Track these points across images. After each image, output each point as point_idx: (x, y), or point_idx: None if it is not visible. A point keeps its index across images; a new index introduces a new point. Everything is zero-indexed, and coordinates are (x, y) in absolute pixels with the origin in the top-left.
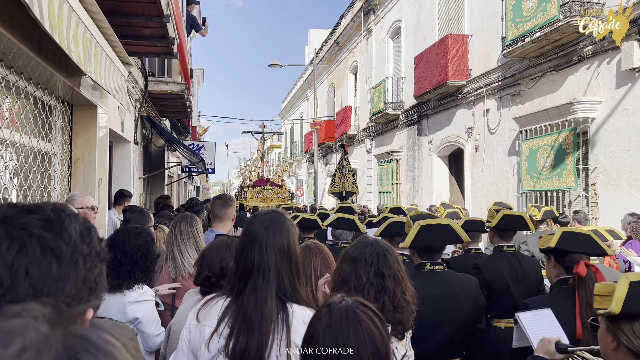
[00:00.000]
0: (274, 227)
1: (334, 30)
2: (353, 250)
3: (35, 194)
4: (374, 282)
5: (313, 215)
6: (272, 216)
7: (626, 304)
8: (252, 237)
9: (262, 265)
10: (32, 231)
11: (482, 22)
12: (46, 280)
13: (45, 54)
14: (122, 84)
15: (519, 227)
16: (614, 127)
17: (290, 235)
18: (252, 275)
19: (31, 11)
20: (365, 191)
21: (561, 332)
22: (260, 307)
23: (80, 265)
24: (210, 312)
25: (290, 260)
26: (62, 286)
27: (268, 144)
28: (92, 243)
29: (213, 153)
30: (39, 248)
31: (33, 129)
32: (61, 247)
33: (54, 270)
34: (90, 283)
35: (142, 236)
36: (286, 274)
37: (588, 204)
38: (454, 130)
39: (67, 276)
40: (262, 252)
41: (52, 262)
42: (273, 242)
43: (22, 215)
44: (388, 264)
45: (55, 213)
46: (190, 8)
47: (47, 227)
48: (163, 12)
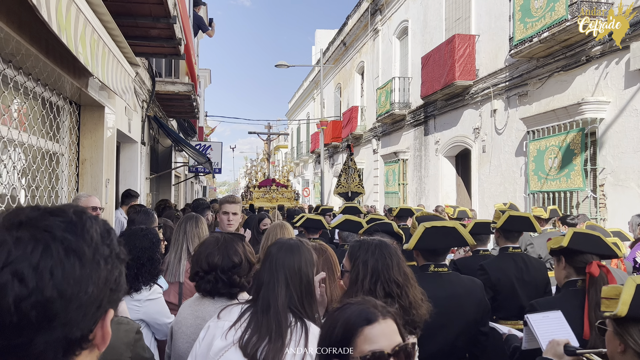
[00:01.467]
0: (288, 248)
1: (341, 31)
2: (370, 257)
3: (43, 194)
4: (400, 282)
5: (317, 216)
6: (289, 240)
7: (632, 306)
8: (265, 256)
9: (271, 280)
10: (56, 233)
11: (489, 22)
12: (70, 282)
13: (54, 55)
14: (129, 85)
15: (524, 228)
16: (623, 128)
17: (304, 258)
18: (263, 288)
19: (39, 13)
20: (372, 191)
21: (571, 335)
22: (273, 315)
23: (101, 266)
24: (232, 311)
25: (300, 279)
26: (85, 287)
27: (274, 145)
28: (112, 244)
29: (220, 153)
30: (63, 250)
31: (41, 129)
32: (84, 249)
33: (78, 271)
34: (111, 284)
35: (148, 238)
36: (295, 291)
37: (596, 205)
38: (461, 130)
39: (90, 277)
40: (272, 268)
41: (75, 263)
42: (283, 260)
43: (45, 217)
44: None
45: (77, 215)
46: (197, 9)
47: (69, 229)
48: (170, 13)
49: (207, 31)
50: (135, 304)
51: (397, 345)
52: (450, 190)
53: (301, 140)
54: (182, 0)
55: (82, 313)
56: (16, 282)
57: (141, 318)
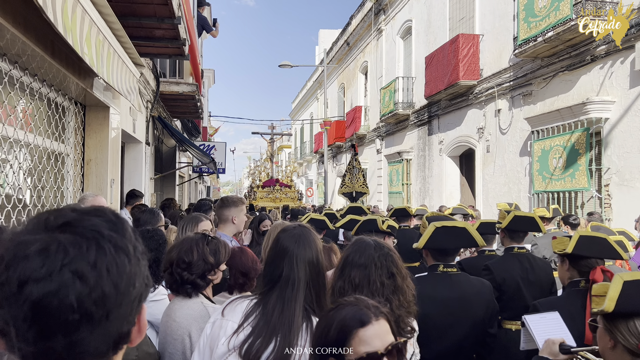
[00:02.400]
0: (304, 240)
1: (344, 31)
2: (359, 256)
3: (48, 194)
4: (387, 284)
5: (321, 215)
6: (301, 230)
7: (619, 302)
8: (282, 250)
9: (291, 277)
10: (103, 232)
11: (493, 22)
12: (123, 277)
13: (59, 55)
14: (133, 85)
15: (529, 228)
16: (628, 128)
17: (319, 250)
18: (279, 286)
19: (45, 14)
20: (376, 191)
21: (568, 335)
22: (287, 317)
23: (141, 262)
24: (236, 309)
25: (318, 272)
26: (134, 282)
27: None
28: (140, 242)
29: (224, 153)
30: (113, 247)
31: (46, 129)
32: (128, 246)
33: (127, 267)
34: (146, 279)
35: (155, 239)
36: (314, 286)
37: (601, 205)
38: (465, 130)
39: (136, 273)
40: (293, 264)
41: (124, 260)
42: (303, 255)
43: (88, 218)
44: (395, 263)
45: (114, 215)
46: (201, 9)
47: (113, 228)
48: (175, 14)
49: (211, 32)
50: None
51: (389, 344)
52: (454, 190)
53: (305, 141)
54: (186, 1)
55: (130, 307)
56: (77, 281)
57: (147, 319)
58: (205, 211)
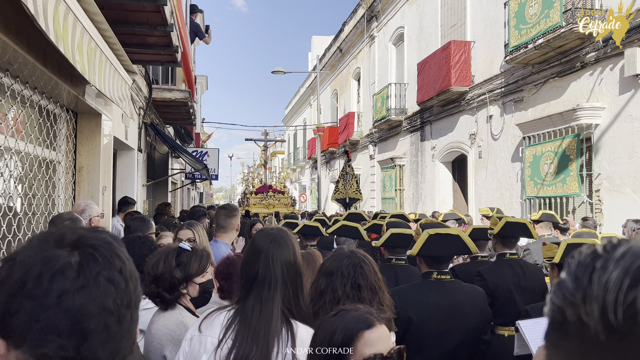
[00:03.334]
0: (280, 240)
1: (337, 37)
2: (330, 264)
3: (39, 201)
4: (350, 295)
5: (315, 222)
6: (278, 231)
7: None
8: (257, 249)
9: (268, 276)
10: (114, 244)
11: (484, 29)
12: (138, 282)
13: (51, 63)
14: (126, 92)
15: (521, 234)
16: (618, 134)
17: (296, 250)
18: (256, 286)
19: (37, 22)
20: (369, 197)
21: None
22: (265, 317)
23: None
24: (214, 323)
25: (296, 273)
26: (141, 291)
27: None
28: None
29: (217, 160)
30: (125, 257)
31: (38, 137)
32: (126, 262)
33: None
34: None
35: (146, 245)
36: (292, 286)
37: (592, 210)
38: (457, 136)
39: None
40: (269, 263)
41: (134, 267)
42: (280, 254)
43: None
44: (365, 275)
45: (110, 235)
46: (194, 16)
47: (117, 241)
48: (167, 21)
49: (204, 38)
50: None
51: (392, 349)
52: (446, 195)
53: (298, 146)
54: (179, 8)
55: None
56: (111, 287)
57: (139, 328)
58: (198, 218)
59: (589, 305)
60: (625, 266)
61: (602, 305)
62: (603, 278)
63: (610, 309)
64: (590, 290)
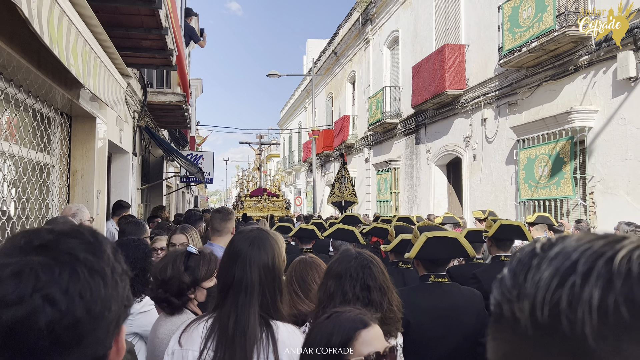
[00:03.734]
0: (259, 243)
1: (332, 40)
2: (337, 265)
3: (33, 205)
4: (360, 297)
5: (310, 225)
6: (257, 233)
7: None
8: (235, 253)
9: (244, 281)
10: (79, 255)
11: (478, 32)
12: (97, 302)
13: (45, 67)
14: (120, 96)
15: (516, 236)
16: (611, 136)
17: (275, 254)
18: (233, 292)
19: (31, 26)
20: (364, 200)
21: None
22: (241, 324)
23: (119, 284)
24: (193, 335)
25: (274, 277)
26: (109, 305)
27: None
28: (122, 262)
29: (211, 163)
30: (87, 271)
31: (32, 140)
32: (105, 269)
33: (102, 291)
34: (125, 300)
35: (141, 248)
36: (269, 291)
37: (586, 212)
38: (451, 139)
39: (112, 296)
40: (245, 268)
41: (100, 283)
42: (257, 258)
43: (64, 240)
44: (373, 276)
45: (93, 236)
46: (189, 19)
47: (90, 250)
48: (162, 25)
49: (199, 42)
50: (128, 318)
51: (387, 347)
52: (441, 198)
53: (293, 149)
54: (174, 12)
55: (106, 331)
56: (47, 306)
57: (134, 332)
58: (195, 222)
59: (522, 302)
60: (556, 266)
61: (532, 303)
62: (536, 277)
63: (539, 307)
64: (524, 288)
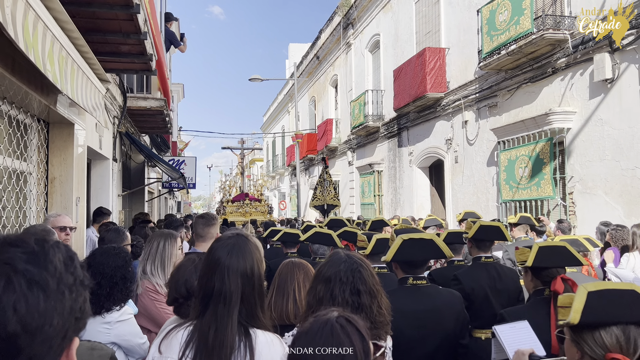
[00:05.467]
0: (237, 251)
1: (314, 44)
2: (327, 269)
3: (10, 214)
4: (350, 301)
5: (295, 230)
6: (236, 240)
7: (585, 314)
8: (214, 262)
9: (223, 291)
10: (17, 266)
11: (458, 36)
12: (34, 315)
13: (20, 72)
14: (99, 101)
15: (495, 237)
16: (589, 137)
17: (255, 260)
18: (212, 302)
19: (6, 31)
20: (348, 203)
21: (537, 344)
22: (220, 334)
23: (66, 296)
24: (172, 343)
25: (253, 286)
26: (50, 319)
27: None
28: (76, 272)
29: (194, 168)
30: (25, 282)
31: (7, 148)
32: (47, 280)
33: (42, 304)
34: (76, 313)
35: (121, 256)
36: (248, 300)
37: (566, 212)
38: (433, 141)
39: (55, 309)
40: (224, 277)
41: (39, 296)
42: (236, 267)
43: (5, 249)
44: (363, 279)
45: (39, 245)
46: (169, 24)
47: (31, 261)
48: (140, 29)
49: (179, 46)
50: (105, 327)
51: None
52: (424, 200)
53: (277, 153)
54: (153, 16)
55: (48, 345)
56: None
57: (112, 341)
58: (176, 228)
59: None
60: None
61: None
62: None
63: None
64: None
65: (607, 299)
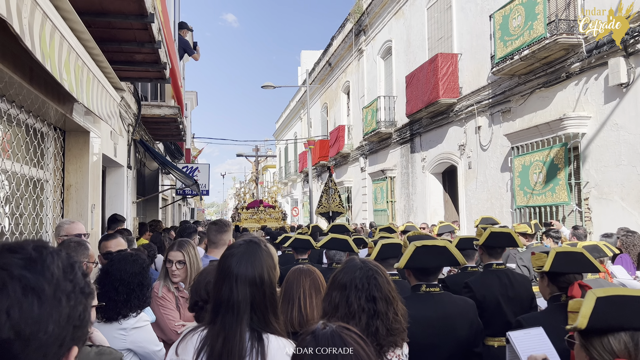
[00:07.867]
0: (247, 259)
1: (326, 51)
2: (342, 276)
3: (27, 221)
4: (366, 308)
5: (306, 236)
6: (246, 247)
7: (592, 319)
8: (223, 270)
9: (232, 300)
10: (13, 271)
11: (471, 41)
12: (28, 322)
13: (37, 82)
14: (114, 110)
15: (506, 243)
16: (604, 142)
17: (265, 267)
18: (222, 310)
19: (23, 42)
20: (361, 210)
21: (552, 351)
22: (228, 343)
23: (63, 303)
24: (187, 346)
25: (264, 293)
26: (45, 326)
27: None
28: (76, 279)
29: (207, 175)
30: (20, 288)
31: (25, 156)
32: (43, 287)
33: (36, 310)
34: (74, 320)
35: (138, 263)
36: (259, 307)
37: (582, 218)
38: (446, 147)
39: (50, 316)
40: (232, 286)
41: (33, 302)
42: (244, 275)
43: (3, 254)
44: (379, 286)
45: (37, 251)
46: (183, 33)
47: (28, 267)
48: (155, 38)
49: (193, 55)
50: (121, 333)
51: None
52: (438, 206)
53: (289, 160)
54: (167, 25)
55: (43, 353)
56: None
57: (128, 347)
58: (189, 234)
59: None
60: None
61: None
62: None
63: None
64: None
65: (616, 304)
